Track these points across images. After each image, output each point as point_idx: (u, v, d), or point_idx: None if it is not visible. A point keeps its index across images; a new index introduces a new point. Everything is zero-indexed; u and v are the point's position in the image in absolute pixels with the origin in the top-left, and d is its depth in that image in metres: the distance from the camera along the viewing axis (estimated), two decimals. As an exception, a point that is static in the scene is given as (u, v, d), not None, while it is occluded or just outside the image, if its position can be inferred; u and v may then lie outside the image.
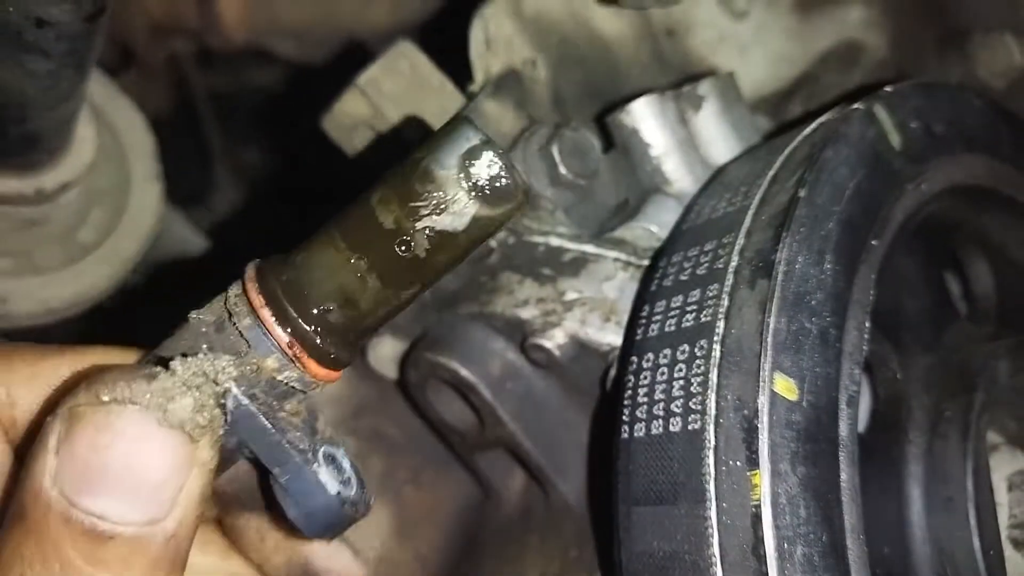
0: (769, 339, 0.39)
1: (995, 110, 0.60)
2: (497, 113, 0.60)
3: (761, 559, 0.36)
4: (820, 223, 0.43)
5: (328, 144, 0.75)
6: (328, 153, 0.76)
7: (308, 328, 0.37)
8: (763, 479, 0.37)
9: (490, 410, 0.57)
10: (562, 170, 0.55)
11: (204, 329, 0.37)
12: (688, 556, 0.39)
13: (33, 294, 0.84)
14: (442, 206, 0.35)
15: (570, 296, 0.55)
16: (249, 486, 0.46)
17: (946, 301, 0.58)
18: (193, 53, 1.53)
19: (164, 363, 0.33)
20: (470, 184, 0.34)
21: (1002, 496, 0.55)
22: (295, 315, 0.36)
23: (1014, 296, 0.64)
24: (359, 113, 0.66)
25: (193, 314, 0.37)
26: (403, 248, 0.35)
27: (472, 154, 0.34)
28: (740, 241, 0.44)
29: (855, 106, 0.49)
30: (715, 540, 0.38)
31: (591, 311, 0.54)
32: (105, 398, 0.30)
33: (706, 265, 0.45)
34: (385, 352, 0.66)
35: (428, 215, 0.35)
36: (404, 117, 0.62)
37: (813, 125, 0.50)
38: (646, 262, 0.54)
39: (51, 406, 0.33)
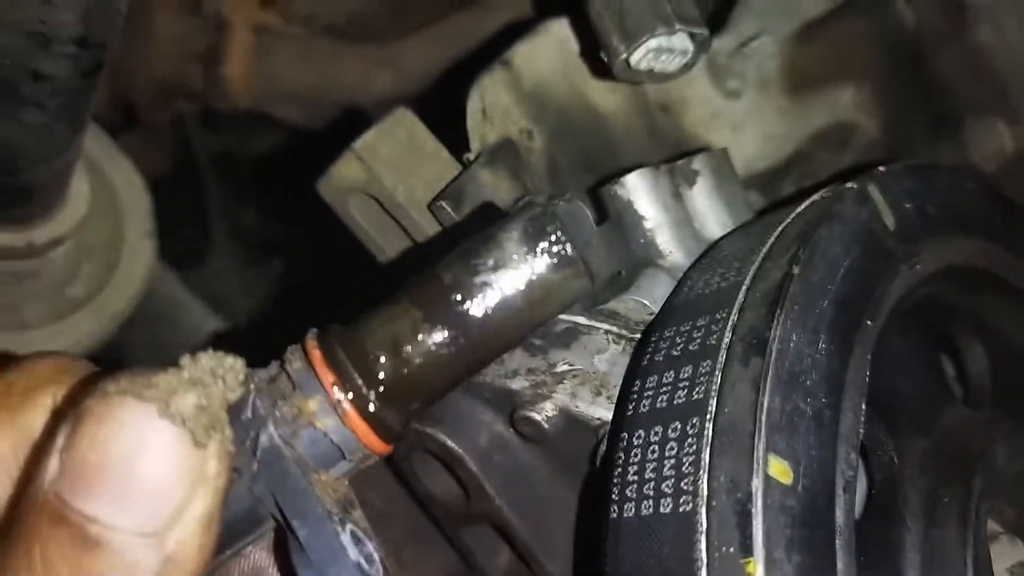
0: (763, 419, 0.38)
1: (989, 192, 0.61)
2: (492, 181, 0.60)
3: (755, 654, 0.35)
4: (814, 301, 0.43)
5: (325, 208, 0.75)
6: (325, 216, 0.77)
7: (355, 374, 0.36)
8: (757, 568, 0.35)
9: (476, 483, 0.55)
10: (555, 241, 0.55)
11: (257, 379, 0.36)
12: (678, 649, 0.38)
13: (18, 350, 0.83)
14: (500, 264, 0.36)
15: (561, 368, 0.54)
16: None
17: (942, 383, 0.57)
18: (197, 114, 1.56)
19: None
20: (528, 247, 0.37)
21: (1002, 588, 0.53)
22: (344, 357, 0.36)
23: (1010, 380, 0.63)
24: (354, 177, 0.66)
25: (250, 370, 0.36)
26: (459, 300, 0.36)
27: (535, 222, 0.37)
28: (733, 317, 0.44)
29: (849, 185, 0.50)
30: (706, 633, 0.37)
31: (582, 384, 0.53)
32: (110, 389, 0.29)
33: (698, 341, 0.45)
34: (371, 420, 0.64)
35: (485, 271, 0.36)
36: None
37: (806, 203, 0.50)
38: (638, 335, 0.53)
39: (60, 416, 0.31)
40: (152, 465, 0.28)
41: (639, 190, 0.58)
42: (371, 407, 0.36)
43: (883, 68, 0.83)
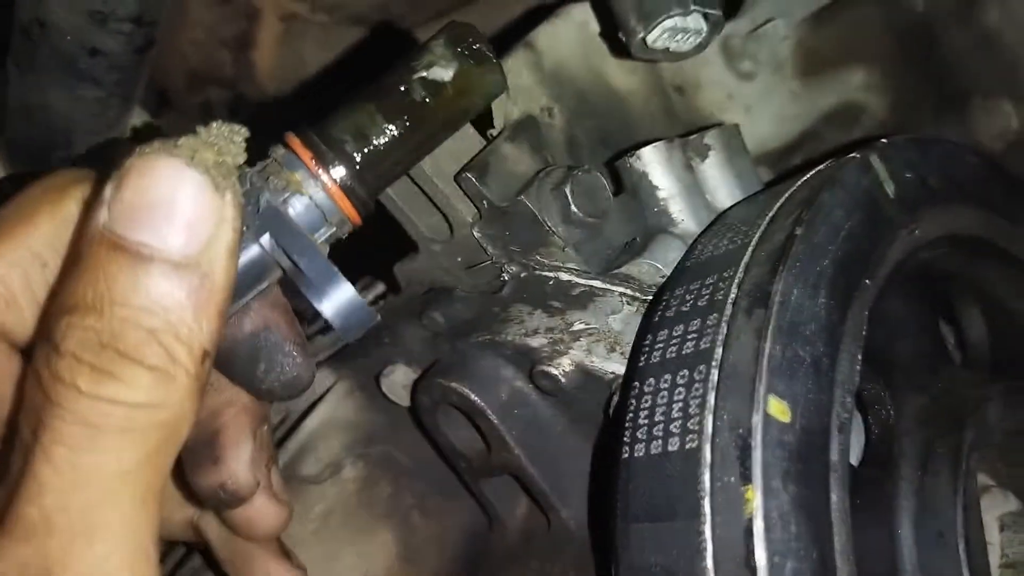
0: (764, 364, 0.42)
1: (990, 166, 0.63)
2: (515, 155, 0.64)
3: (753, 571, 0.38)
4: (816, 260, 0.46)
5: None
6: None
7: (326, 150, 0.45)
8: (756, 494, 0.39)
9: (497, 435, 0.59)
10: (574, 209, 0.58)
11: (252, 169, 0.45)
12: (683, 570, 0.41)
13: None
14: (433, 63, 0.47)
15: (577, 327, 0.58)
16: None
17: (940, 346, 0.60)
18: (224, 101, 1.60)
19: None
20: (453, 47, 0.47)
21: (993, 536, 0.56)
22: (318, 140, 0.45)
23: (1007, 345, 0.66)
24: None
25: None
26: (404, 92, 0.47)
27: (456, 30, 0.48)
28: (739, 275, 0.47)
29: (852, 155, 0.53)
30: (709, 554, 0.40)
31: (597, 341, 0.56)
32: (146, 150, 0.35)
33: (707, 297, 0.48)
34: (398, 379, 0.68)
35: (422, 68, 0.47)
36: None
37: (812, 172, 0.53)
38: (650, 297, 0.56)
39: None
40: (186, 202, 0.35)
41: (654, 162, 0.61)
42: (345, 179, 0.45)
43: (893, 50, 0.85)
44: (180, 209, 0.35)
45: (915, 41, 0.86)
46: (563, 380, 0.56)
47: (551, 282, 0.61)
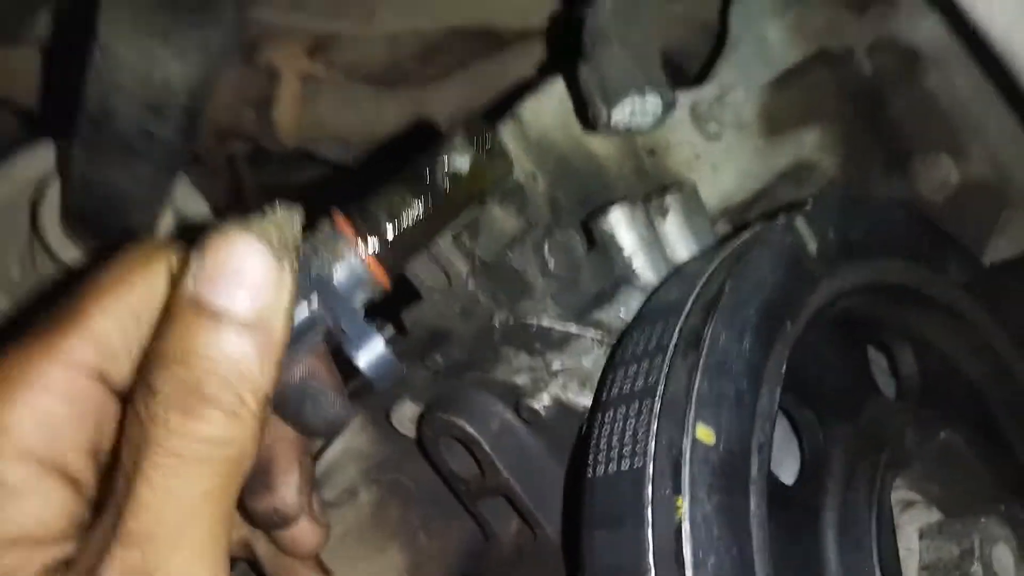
0: (694, 397, 0.51)
1: (916, 220, 0.73)
2: (502, 217, 0.74)
3: (681, 565, 0.47)
4: (741, 308, 0.56)
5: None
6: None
7: (364, 226, 0.55)
8: (684, 503, 0.48)
9: (490, 461, 0.68)
10: (551, 265, 0.69)
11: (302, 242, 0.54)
12: (631, 569, 0.50)
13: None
14: (453, 155, 0.56)
15: (555, 366, 0.68)
16: None
17: (867, 381, 0.69)
18: (247, 154, 1.72)
19: None
20: (470, 142, 0.56)
21: (914, 544, 0.65)
22: (359, 218, 0.55)
23: (935, 379, 0.75)
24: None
25: None
26: (430, 179, 0.56)
27: (473, 126, 0.57)
28: (680, 322, 0.57)
29: (779, 218, 0.63)
30: (650, 554, 0.49)
31: (571, 379, 0.66)
32: (223, 229, 0.44)
33: (655, 341, 0.58)
34: (405, 414, 0.78)
35: (444, 159, 0.56)
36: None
37: (747, 233, 0.63)
38: (615, 340, 0.66)
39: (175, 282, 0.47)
40: (254, 272, 0.44)
41: (619, 222, 0.72)
42: (378, 251, 0.54)
43: (844, 112, 0.95)
44: (249, 277, 0.44)
45: (864, 103, 0.96)
46: (543, 413, 0.66)
47: (534, 327, 0.71)
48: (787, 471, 0.65)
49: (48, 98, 1.41)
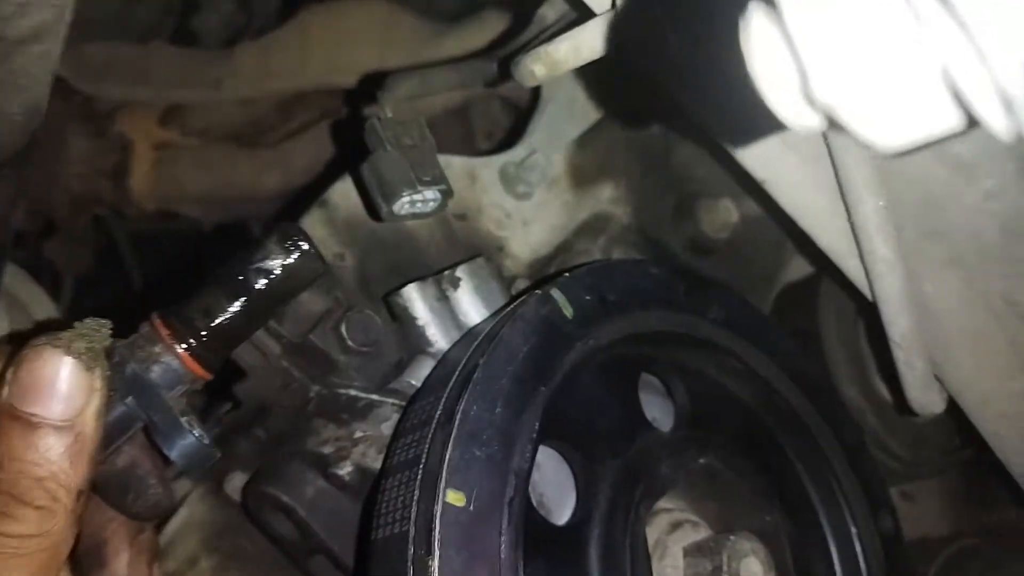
0: (446, 466, 0.59)
1: (671, 273, 0.83)
2: (310, 299, 0.81)
3: (433, 619, 0.55)
4: (494, 380, 0.64)
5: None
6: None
7: (180, 327, 0.61)
8: (434, 562, 0.56)
9: (305, 525, 0.75)
10: (349, 342, 0.76)
11: (123, 342, 0.59)
12: (400, 620, 0.58)
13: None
14: (266, 256, 0.63)
15: (358, 435, 0.75)
16: None
17: (637, 416, 0.79)
18: (112, 212, 1.73)
19: None
20: (282, 244, 0.63)
21: (679, 561, 0.74)
22: (174, 320, 0.61)
23: (709, 404, 0.85)
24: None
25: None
26: (242, 279, 0.62)
27: (284, 230, 0.64)
28: (444, 397, 0.65)
29: (535, 291, 0.71)
30: (412, 607, 0.57)
31: (371, 446, 0.74)
32: (35, 343, 0.51)
33: (426, 413, 0.66)
34: (236, 484, 0.84)
35: (257, 260, 0.62)
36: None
37: (508, 308, 0.72)
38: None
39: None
40: (65, 382, 0.50)
41: (413, 298, 0.80)
42: (193, 348, 0.61)
43: (635, 167, 1.06)
44: (59, 386, 0.50)
45: (653, 157, 1.07)
46: (347, 479, 0.73)
47: (343, 397, 0.79)
48: (570, 509, 0.74)
49: None
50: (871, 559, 0.88)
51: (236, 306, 0.63)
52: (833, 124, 0.25)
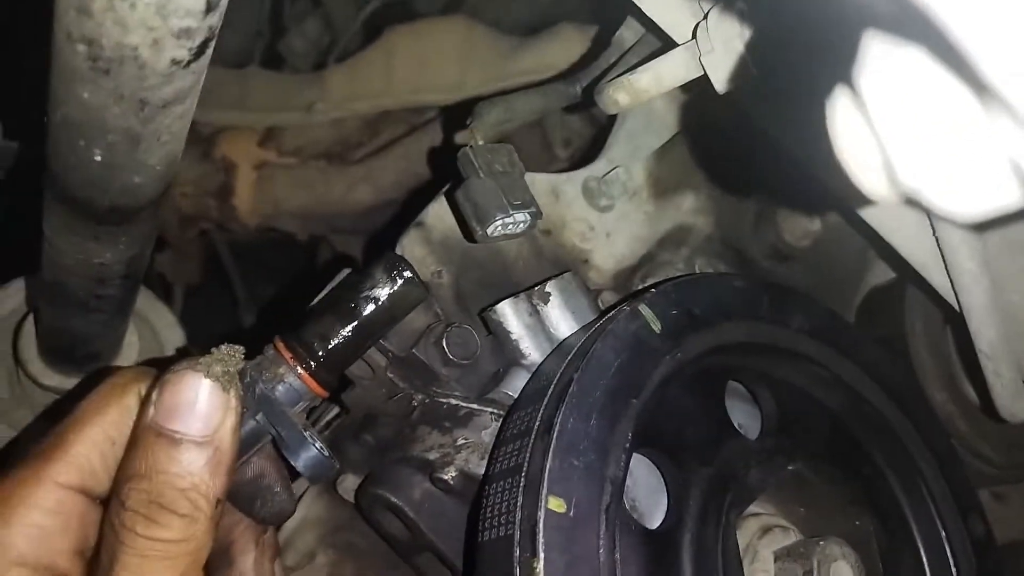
0: (546, 475, 0.64)
1: (755, 286, 0.86)
2: (411, 315, 0.87)
3: (540, 613, 0.60)
4: (588, 394, 0.69)
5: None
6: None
7: (301, 350, 0.68)
8: (539, 564, 0.61)
9: (414, 524, 0.81)
10: (450, 356, 0.82)
11: (251, 363, 0.68)
12: (506, 617, 0.63)
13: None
14: (373, 285, 0.69)
15: (460, 442, 0.81)
16: None
17: (724, 424, 0.82)
18: (214, 229, 1.86)
19: None
20: (388, 273, 0.69)
21: (770, 566, 0.78)
22: (295, 344, 0.69)
23: (796, 412, 0.88)
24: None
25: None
26: (353, 307, 0.69)
27: (390, 260, 0.70)
28: (542, 408, 0.70)
29: (624, 306, 0.76)
30: (519, 604, 0.62)
31: (473, 452, 0.79)
32: (177, 368, 0.58)
33: (525, 424, 0.71)
34: (348, 485, 0.91)
35: (367, 291, 0.69)
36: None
37: (599, 323, 0.76)
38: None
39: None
40: (204, 402, 0.57)
41: (507, 313, 0.85)
42: (313, 370, 0.68)
43: (714, 176, 1.09)
44: (199, 406, 0.57)
45: (731, 166, 1.09)
46: (452, 483, 0.79)
47: (444, 406, 0.85)
48: (662, 513, 0.78)
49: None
50: (962, 562, 0.88)
51: (348, 331, 0.70)
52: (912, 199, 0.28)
